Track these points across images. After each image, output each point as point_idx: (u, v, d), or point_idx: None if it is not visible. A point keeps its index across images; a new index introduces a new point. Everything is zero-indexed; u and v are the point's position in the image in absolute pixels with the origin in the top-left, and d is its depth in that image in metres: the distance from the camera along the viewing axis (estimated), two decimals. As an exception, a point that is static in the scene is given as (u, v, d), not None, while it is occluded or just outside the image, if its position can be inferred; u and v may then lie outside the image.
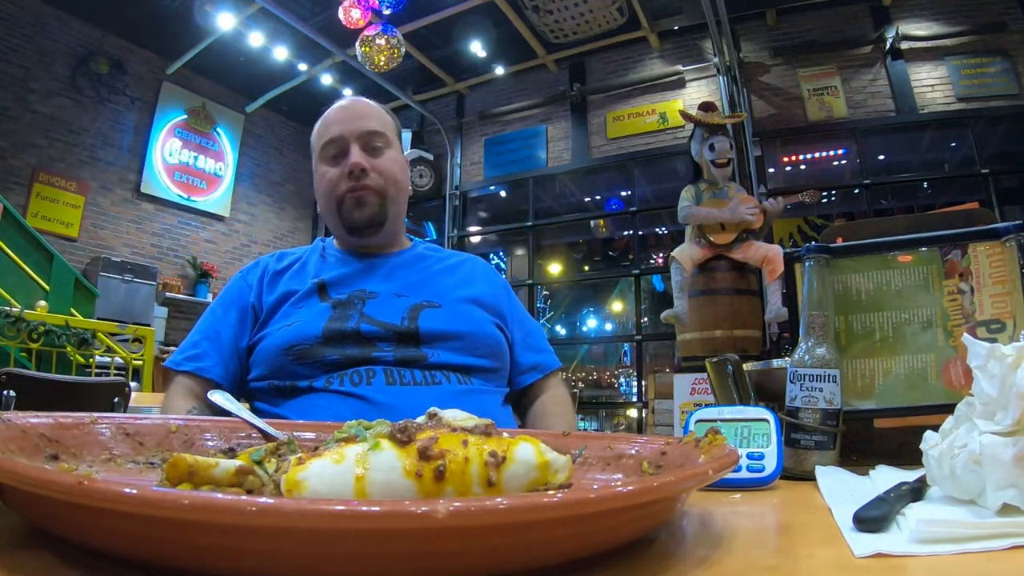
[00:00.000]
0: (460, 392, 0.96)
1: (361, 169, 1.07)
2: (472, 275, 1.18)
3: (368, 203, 1.10)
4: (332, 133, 1.11)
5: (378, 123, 1.13)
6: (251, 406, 0.99)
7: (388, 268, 1.11)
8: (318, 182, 1.13)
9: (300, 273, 1.10)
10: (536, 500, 0.26)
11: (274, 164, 7.72)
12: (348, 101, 1.17)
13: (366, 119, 1.12)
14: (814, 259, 0.75)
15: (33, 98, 5.67)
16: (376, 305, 1.02)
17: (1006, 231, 0.73)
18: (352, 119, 1.11)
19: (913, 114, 5.35)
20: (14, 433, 0.42)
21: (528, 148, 6.84)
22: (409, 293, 1.06)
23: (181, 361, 1.03)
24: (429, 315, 1.02)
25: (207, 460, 0.35)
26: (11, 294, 3.94)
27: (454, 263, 1.19)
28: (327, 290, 1.05)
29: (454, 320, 1.03)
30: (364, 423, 0.39)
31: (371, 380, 0.94)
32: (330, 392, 0.93)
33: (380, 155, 1.11)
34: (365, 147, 1.10)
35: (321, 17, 5.70)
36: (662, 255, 6.64)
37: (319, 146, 1.13)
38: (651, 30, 6.14)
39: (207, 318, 1.08)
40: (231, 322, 1.06)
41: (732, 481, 0.60)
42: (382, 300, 1.03)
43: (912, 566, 0.33)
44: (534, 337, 1.18)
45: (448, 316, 1.03)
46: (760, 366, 0.88)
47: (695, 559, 0.34)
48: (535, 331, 1.19)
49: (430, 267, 1.16)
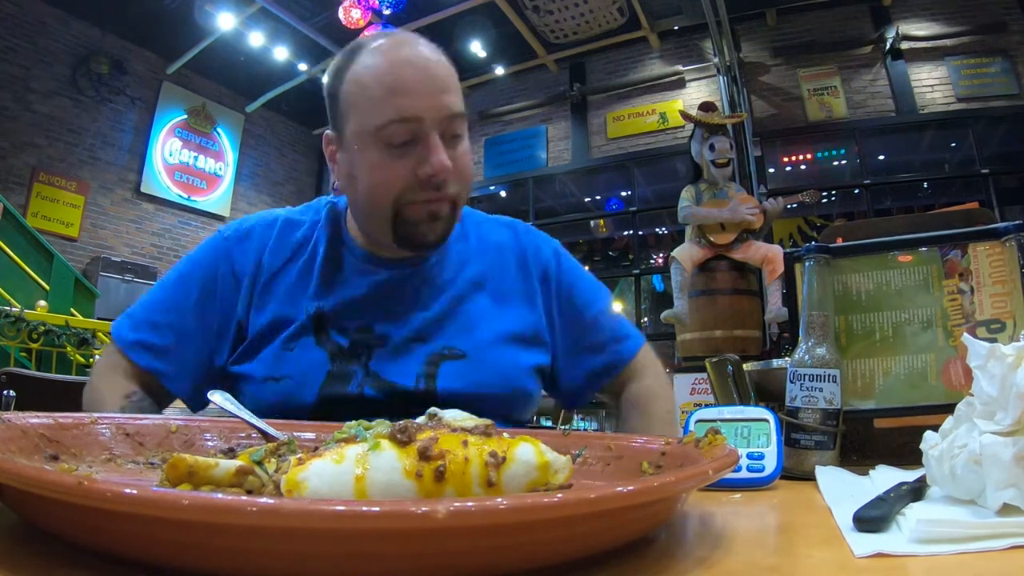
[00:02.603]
0: None
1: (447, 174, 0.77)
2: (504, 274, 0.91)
3: (443, 218, 0.80)
4: (406, 109, 0.74)
5: (459, 98, 0.80)
6: None
7: (411, 288, 0.85)
8: (369, 173, 0.77)
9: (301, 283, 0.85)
10: (536, 500, 0.26)
11: (274, 164, 7.73)
12: (418, 52, 0.78)
13: (448, 93, 0.78)
14: (814, 259, 0.75)
15: (33, 98, 5.68)
16: (386, 357, 0.81)
17: (1006, 231, 0.73)
18: (434, 92, 0.76)
19: (913, 114, 5.35)
20: (14, 433, 0.42)
21: (528, 148, 6.85)
22: (429, 333, 0.83)
23: (133, 344, 0.82)
24: (450, 370, 0.82)
25: (207, 460, 0.35)
26: (11, 294, 3.95)
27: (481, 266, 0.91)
28: (326, 327, 0.82)
29: (481, 376, 0.83)
30: (364, 423, 0.39)
31: None
32: None
33: (459, 147, 0.80)
34: (445, 135, 0.77)
35: (321, 17, 5.70)
36: (662, 255, 6.64)
37: (371, 120, 0.75)
38: (651, 30, 6.14)
39: (175, 296, 0.84)
40: (209, 327, 0.83)
41: (732, 481, 0.60)
42: (394, 349, 0.82)
43: (912, 566, 0.33)
44: (595, 332, 0.92)
45: (474, 371, 0.83)
46: (760, 366, 0.88)
47: (695, 559, 0.34)
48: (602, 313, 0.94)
49: (459, 275, 0.89)
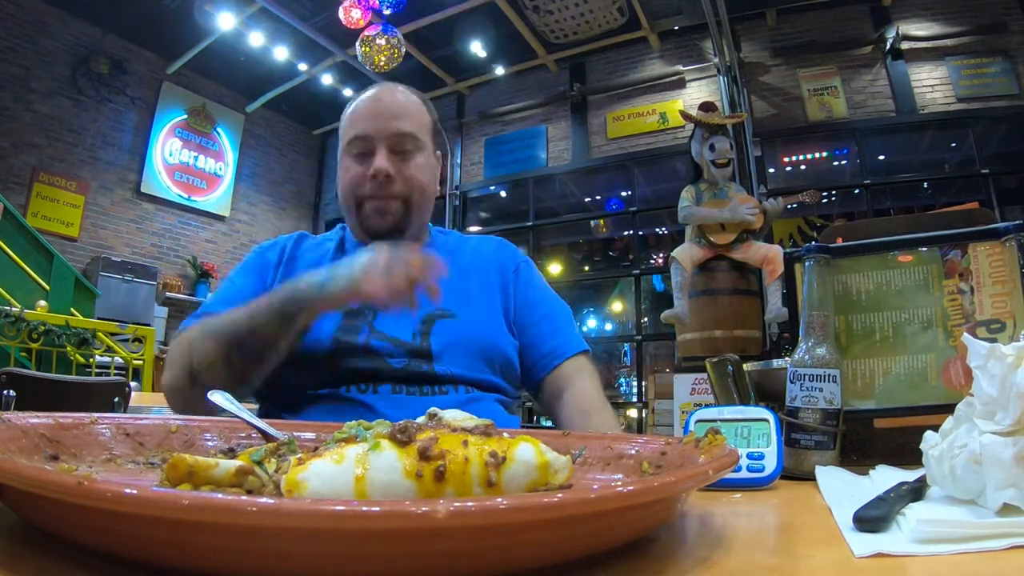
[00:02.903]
0: (466, 400, 0.95)
1: (386, 175, 0.99)
2: (487, 269, 1.09)
3: (390, 212, 1.02)
4: (359, 129, 1.02)
5: (411, 123, 1.03)
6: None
7: None
8: (341, 175, 1.05)
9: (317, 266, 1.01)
10: (536, 500, 0.26)
11: (274, 164, 7.73)
12: (382, 93, 1.05)
13: (398, 119, 1.02)
14: (814, 259, 0.75)
15: (33, 98, 5.68)
16: (386, 316, 0.96)
17: (1006, 231, 0.73)
18: (383, 117, 1.02)
19: (913, 114, 5.35)
20: (14, 433, 0.42)
21: (528, 148, 6.84)
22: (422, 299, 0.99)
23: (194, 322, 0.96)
24: (442, 328, 0.98)
25: (207, 460, 0.35)
26: (11, 294, 3.95)
27: (468, 259, 1.11)
28: None
29: (469, 333, 0.98)
30: (364, 423, 0.39)
31: (377, 388, 0.92)
32: (336, 399, 0.91)
33: (409, 159, 1.03)
34: (393, 149, 1.01)
35: (321, 17, 5.70)
36: (662, 255, 6.63)
37: (345, 138, 1.04)
38: (651, 30, 6.14)
39: (226, 288, 1.02)
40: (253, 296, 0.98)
41: (732, 481, 0.60)
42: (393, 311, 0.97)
43: (912, 566, 0.33)
44: (550, 320, 1.08)
45: (463, 328, 0.99)
46: (760, 366, 0.88)
47: (695, 559, 0.34)
48: (553, 313, 1.09)
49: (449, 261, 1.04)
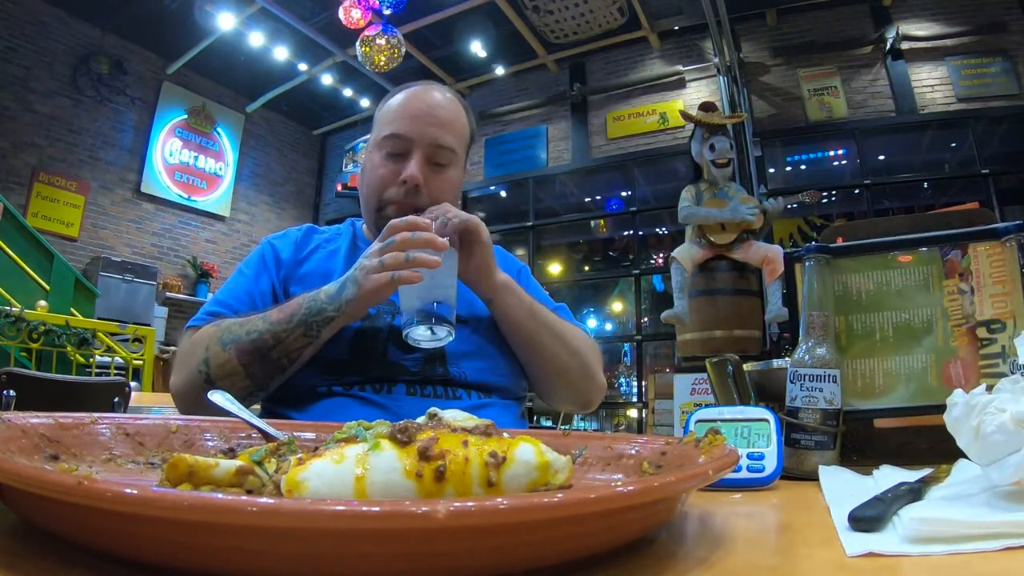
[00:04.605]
0: (478, 405, 0.95)
1: (416, 185, 0.96)
2: None
3: None
4: (398, 128, 0.98)
5: (453, 136, 1.00)
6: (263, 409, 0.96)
7: None
8: (368, 170, 1.01)
9: (330, 261, 1.01)
10: (536, 500, 0.26)
11: (274, 164, 7.73)
12: (429, 94, 1.01)
13: (442, 127, 0.99)
14: (814, 259, 0.75)
15: (33, 98, 5.68)
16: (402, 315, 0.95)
17: (1006, 231, 0.73)
18: (426, 122, 0.98)
19: (913, 114, 5.35)
20: (14, 433, 0.42)
21: (528, 148, 6.84)
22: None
23: (204, 316, 0.94)
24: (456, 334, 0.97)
25: (207, 460, 0.35)
26: (11, 294, 3.95)
27: None
28: None
29: (481, 340, 0.99)
30: (364, 423, 0.39)
31: (392, 389, 0.92)
32: (349, 397, 0.90)
33: (442, 172, 0.99)
34: (429, 160, 0.98)
35: (321, 17, 5.70)
36: (662, 255, 6.63)
37: (380, 132, 1.00)
38: (651, 30, 6.14)
39: (236, 281, 1.00)
40: (263, 291, 0.98)
41: (732, 481, 0.60)
42: None
43: (907, 566, 0.33)
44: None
45: (475, 336, 0.98)
46: (760, 366, 0.88)
47: (695, 559, 0.34)
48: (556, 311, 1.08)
49: None
